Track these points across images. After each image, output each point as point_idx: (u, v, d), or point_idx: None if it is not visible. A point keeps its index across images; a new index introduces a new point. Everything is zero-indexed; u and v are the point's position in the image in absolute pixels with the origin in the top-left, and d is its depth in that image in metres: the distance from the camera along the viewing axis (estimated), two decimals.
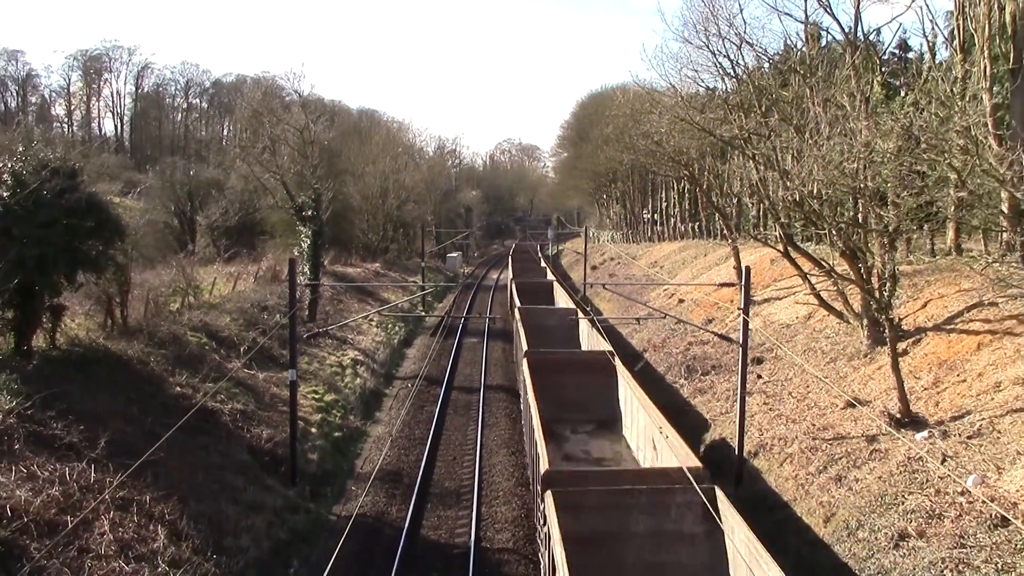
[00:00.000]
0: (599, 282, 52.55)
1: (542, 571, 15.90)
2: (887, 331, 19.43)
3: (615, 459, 22.78)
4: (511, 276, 59.46)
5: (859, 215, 23.98)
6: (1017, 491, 13.90)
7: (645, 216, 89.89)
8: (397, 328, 47.83)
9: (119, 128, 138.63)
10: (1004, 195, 20.08)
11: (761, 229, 45.18)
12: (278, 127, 50.33)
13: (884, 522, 15.14)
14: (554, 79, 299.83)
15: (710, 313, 37.49)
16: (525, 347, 28.67)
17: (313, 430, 26.44)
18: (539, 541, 17.06)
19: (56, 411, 16.87)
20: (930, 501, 14.79)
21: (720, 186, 53.23)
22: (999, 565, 12.31)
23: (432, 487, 23.96)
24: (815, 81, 26.83)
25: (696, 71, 33.37)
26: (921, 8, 56.37)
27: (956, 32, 29.81)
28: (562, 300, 46.98)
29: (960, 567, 12.70)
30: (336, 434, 27.39)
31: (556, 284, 52.10)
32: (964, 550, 13.01)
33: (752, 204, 50.37)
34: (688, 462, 15.74)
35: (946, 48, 34.49)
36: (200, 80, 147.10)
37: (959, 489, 14.57)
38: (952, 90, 21.03)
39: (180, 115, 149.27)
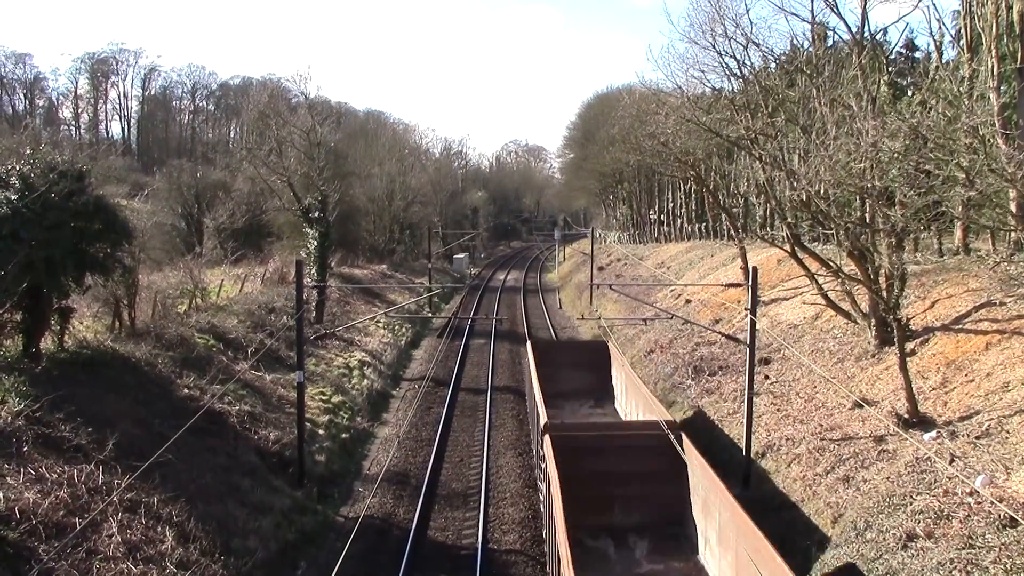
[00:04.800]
0: (606, 282, 52.46)
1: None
2: (895, 331, 19.36)
3: None
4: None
5: (866, 215, 23.87)
6: None
7: (652, 217, 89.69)
8: (404, 329, 47.89)
9: (126, 131, 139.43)
10: (1012, 194, 19.97)
11: (768, 229, 45.15)
12: (284, 129, 50.44)
13: (892, 523, 15.08)
14: (560, 80, 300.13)
15: (717, 314, 37.40)
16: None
17: (320, 431, 26.48)
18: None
19: (64, 413, 16.90)
20: (938, 502, 14.72)
21: (727, 186, 53.19)
22: (1008, 566, 12.24)
23: (439, 488, 23.98)
24: (822, 81, 26.73)
25: (702, 71, 33.19)
26: (928, 7, 56.09)
27: (963, 31, 29.70)
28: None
29: (969, 568, 12.63)
30: (343, 435, 27.43)
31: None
32: (972, 551, 12.94)
33: (759, 204, 50.27)
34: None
35: (953, 47, 34.37)
36: (207, 82, 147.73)
37: (967, 490, 14.49)
38: (959, 89, 20.97)
39: (187, 117, 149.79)
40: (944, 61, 30.94)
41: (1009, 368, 18.31)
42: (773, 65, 32.57)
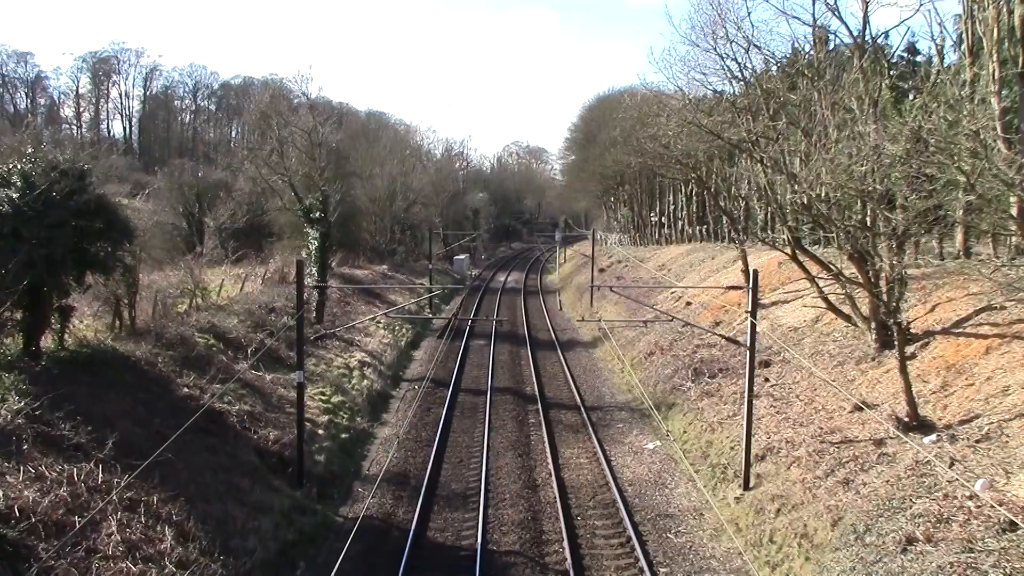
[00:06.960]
0: (606, 284, 52.47)
1: None
2: (895, 334, 19.36)
3: None
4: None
5: (867, 218, 23.91)
6: None
7: (652, 219, 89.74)
8: (404, 330, 47.87)
9: (127, 130, 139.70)
10: (1013, 199, 19.97)
11: (769, 232, 45.15)
12: (286, 129, 50.54)
13: (892, 526, 15.08)
14: (562, 82, 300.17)
15: (717, 316, 37.41)
16: None
17: (320, 432, 26.47)
18: None
19: (64, 412, 16.89)
20: (938, 505, 14.72)
21: (728, 189, 53.14)
22: (1007, 570, 12.24)
23: (439, 489, 23.95)
24: (823, 84, 26.77)
25: (704, 74, 33.31)
26: (929, 11, 56.26)
27: (964, 35, 29.71)
28: None
29: (968, 572, 12.63)
30: (343, 436, 27.42)
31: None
32: (972, 555, 12.95)
33: (760, 207, 50.25)
34: None
35: (954, 51, 34.41)
36: (208, 82, 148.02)
37: (967, 493, 14.50)
38: (960, 93, 20.95)
39: (188, 117, 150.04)
40: (945, 65, 31.02)
41: (1009, 372, 18.32)
42: (774, 68, 32.61)
